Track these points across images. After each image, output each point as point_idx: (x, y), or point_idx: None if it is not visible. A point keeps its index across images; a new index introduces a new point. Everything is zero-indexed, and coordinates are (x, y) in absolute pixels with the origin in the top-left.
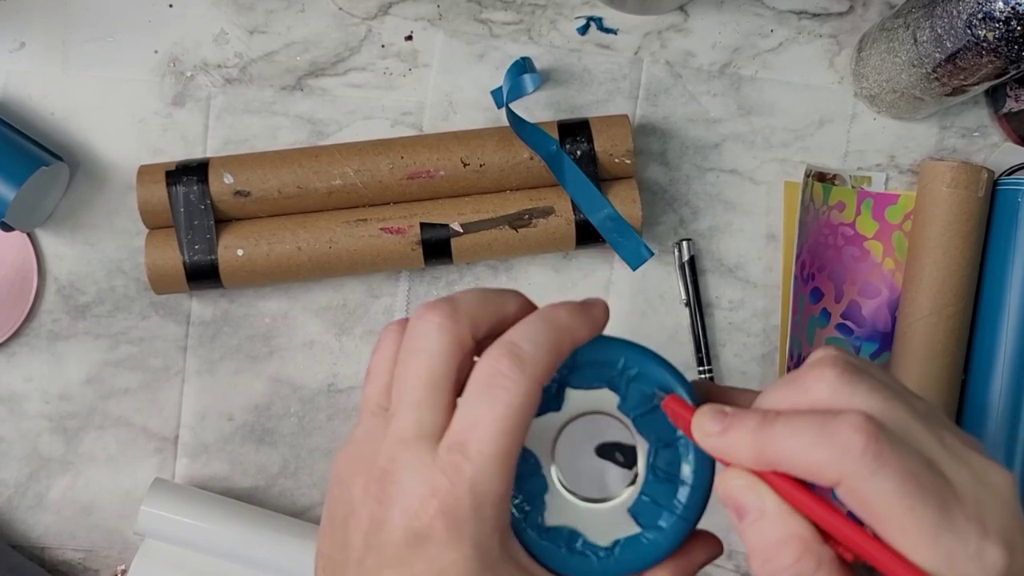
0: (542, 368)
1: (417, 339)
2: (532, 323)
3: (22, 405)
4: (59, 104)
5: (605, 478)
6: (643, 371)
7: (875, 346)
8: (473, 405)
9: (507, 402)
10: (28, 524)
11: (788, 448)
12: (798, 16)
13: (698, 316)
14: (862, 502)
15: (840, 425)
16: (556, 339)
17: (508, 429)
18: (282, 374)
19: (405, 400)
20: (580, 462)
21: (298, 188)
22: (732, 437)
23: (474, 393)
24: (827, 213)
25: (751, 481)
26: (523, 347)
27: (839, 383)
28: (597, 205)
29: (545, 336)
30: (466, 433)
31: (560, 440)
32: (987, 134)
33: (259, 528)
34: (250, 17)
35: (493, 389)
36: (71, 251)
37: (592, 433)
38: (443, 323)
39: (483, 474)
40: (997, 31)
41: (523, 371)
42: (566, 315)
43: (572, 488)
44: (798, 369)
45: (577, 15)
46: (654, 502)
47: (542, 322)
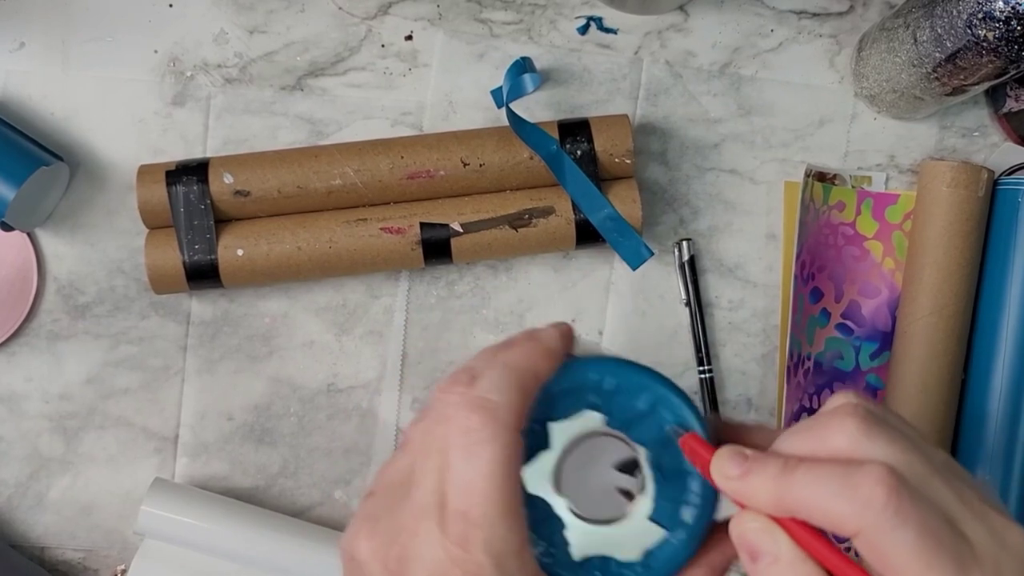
0: (512, 412)
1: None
2: (492, 370)
3: (22, 405)
4: (59, 104)
5: (616, 496)
6: (621, 382)
7: (875, 346)
8: (462, 470)
9: (490, 457)
10: (28, 524)
11: (808, 497)
12: (798, 16)
13: (698, 316)
14: (880, 555)
15: (862, 477)
16: (518, 381)
17: (501, 484)
18: (282, 374)
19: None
20: (588, 489)
21: (298, 188)
22: (752, 482)
23: (458, 457)
24: (827, 213)
25: (767, 525)
26: (489, 397)
27: (859, 433)
28: (597, 205)
29: (507, 380)
30: (463, 501)
31: (563, 474)
32: (987, 134)
33: (259, 528)
34: (250, 17)
35: (474, 448)
36: (71, 251)
37: (590, 457)
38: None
39: (494, 535)
40: (997, 31)
41: (496, 420)
42: (520, 354)
43: (588, 516)
44: (817, 415)
45: (577, 15)
46: (671, 501)
47: (500, 368)
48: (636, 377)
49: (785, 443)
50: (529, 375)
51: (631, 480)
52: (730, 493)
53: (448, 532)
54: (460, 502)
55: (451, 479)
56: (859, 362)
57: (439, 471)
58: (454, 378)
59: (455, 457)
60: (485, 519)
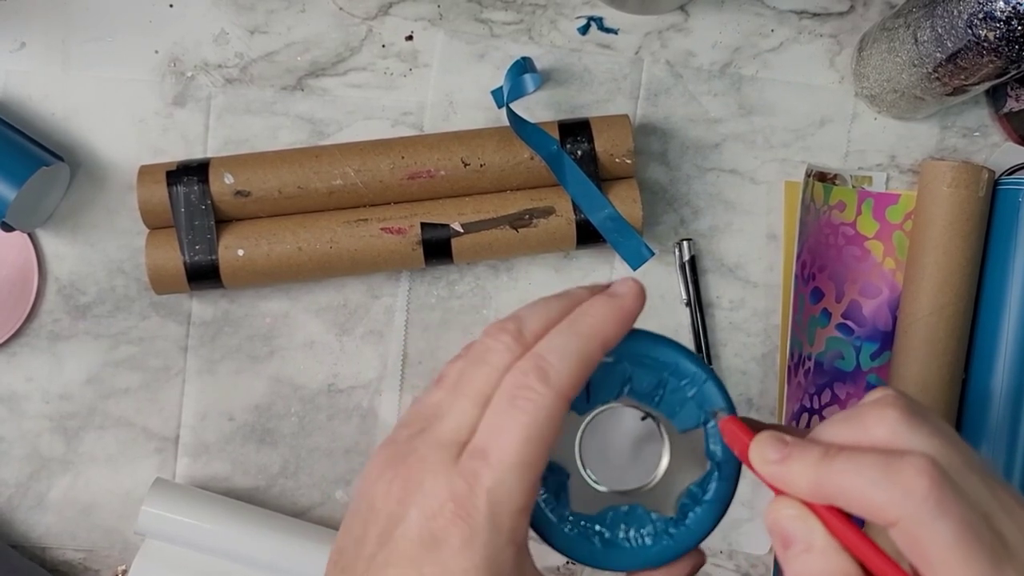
0: (569, 382)
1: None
2: (561, 333)
3: (22, 405)
4: (60, 104)
5: (632, 468)
6: (647, 353)
7: (876, 346)
8: (497, 415)
9: (531, 414)
10: (29, 524)
11: (849, 484)
12: (799, 16)
13: (699, 316)
14: (917, 546)
15: (904, 466)
16: (585, 350)
17: (530, 439)
18: (282, 374)
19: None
20: (606, 459)
21: (299, 188)
22: (792, 467)
23: (499, 404)
24: (828, 213)
25: (802, 512)
26: (551, 361)
27: (900, 424)
28: (598, 205)
29: (574, 348)
30: (488, 441)
31: (583, 443)
32: (988, 134)
33: (260, 528)
34: (250, 17)
35: (518, 401)
36: (72, 251)
37: (608, 427)
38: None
39: (502, 483)
40: (998, 31)
41: (548, 386)
42: (594, 319)
43: (607, 487)
44: (857, 406)
45: (578, 15)
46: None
47: (571, 332)
48: (662, 352)
49: (824, 432)
50: (597, 345)
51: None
52: (768, 477)
53: (460, 464)
54: (484, 441)
55: (485, 421)
56: (860, 362)
57: (471, 410)
58: (501, 326)
59: (498, 402)
60: (500, 464)
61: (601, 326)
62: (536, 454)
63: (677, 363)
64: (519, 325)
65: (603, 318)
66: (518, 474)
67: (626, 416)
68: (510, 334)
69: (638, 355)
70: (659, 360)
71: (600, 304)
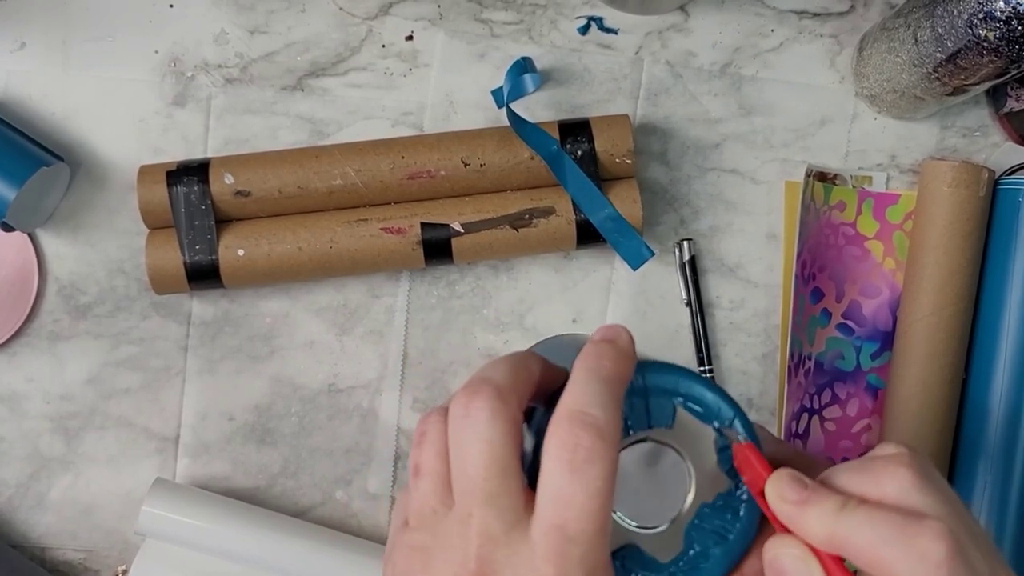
0: (615, 429)
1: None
2: (590, 384)
3: (23, 405)
4: (60, 104)
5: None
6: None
7: (876, 346)
8: (564, 485)
9: (597, 475)
10: (29, 524)
11: (864, 539)
12: (799, 16)
13: (699, 316)
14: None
15: (923, 530)
16: (616, 394)
17: (603, 503)
18: (283, 374)
19: (478, 494)
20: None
21: (299, 188)
22: (809, 512)
23: (561, 472)
24: (828, 213)
25: (805, 554)
26: (595, 414)
27: (913, 485)
28: (598, 205)
29: (608, 395)
30: (562, 515)
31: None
32: (988, 134)
33: (260, 528)
34: (251, 17)
35: (580, 465)
36: (72, 251)
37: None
38: (495, 407)
39: (591, 551)
40: (998, 31)
41: (603, 440)
42: (611, 363)
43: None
44: (871, 457)
45: (578, 15)
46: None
47: (598, 380)
48: (680, 381)
49: (837, 479)
50: (620, 386)
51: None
52: (783, 517)
53: (537, 548)
54: (558, 517)
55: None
56: (860, 362)
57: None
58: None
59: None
60: (584, 535)
61: (618, 368)
62: (607, 510)
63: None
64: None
65: (617, 360)
66: (600, 537)
67: (648, 451)
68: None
69: (658, 388)
70: (681, 392)
71: (608, 348)
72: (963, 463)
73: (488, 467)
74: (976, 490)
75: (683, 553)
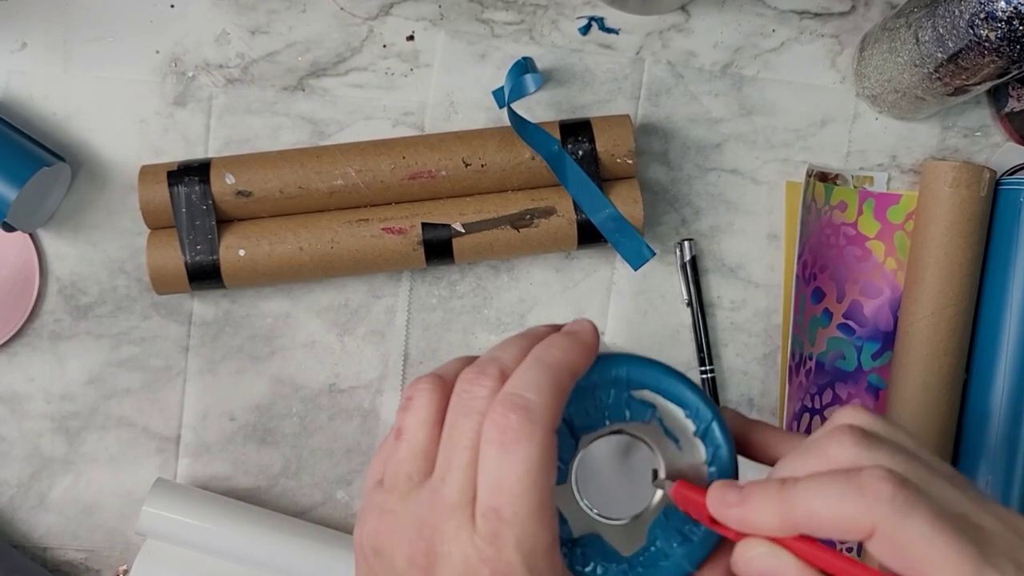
0: (550, 413)
1: (470, 402)
2: (530, 368)
3: (24, 405)
4: (61, 104)
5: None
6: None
7: (877, 346)
8: (494, 466)
9: (526, 457)
10: (30, 524)
11: (815, 506)
12: (800, 16)
13: (700, 316)
14: (898, 549)
15: (866, 477)
16: (557, 380)
17: (535, 483)
18: (284, 374)
19: (454, 465)
20: (601, 485)
21: (300, 188)
22: (753, 504)
23: (492, 454)
24: (829, 213)
25: (771, 548)
26: (528, 397)
27: (858, 446)
28: (599, 205)
29: (547, 380)
30: (495, 497)
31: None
32: (989, 134)
33: (261, 528)
34: (252, 17)
35: (510, 446)
36: (73, 251)
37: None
38: (495, 386)
39: (526, 533)
40: (999, 31)
41: (533, 421)
42: (560, 351)
43: (603, 514)
44: (814, 437)
45: (579, 15)
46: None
47: (540, 366)
48: (662, 378)
49: (783, 466)
50: (567, 374)
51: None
52: (732, 523)
53: (478, 529)
54: (492, 499)
55: (483, 475)
56: (861, 362)
57: (468, 467)
58: (480, 370)
59: (489, 453)
60: (516, 517)
61: (567, 357)
62: (544, 491)
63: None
64: (499, 366)
65: (567, 350)
66: (537, 518)
67: (622, 444)
68: (493, 378)
69: (639, 383)
70: (662, 389)
71: (562, 338)
72: (964, 463)
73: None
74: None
75: (644, 548)
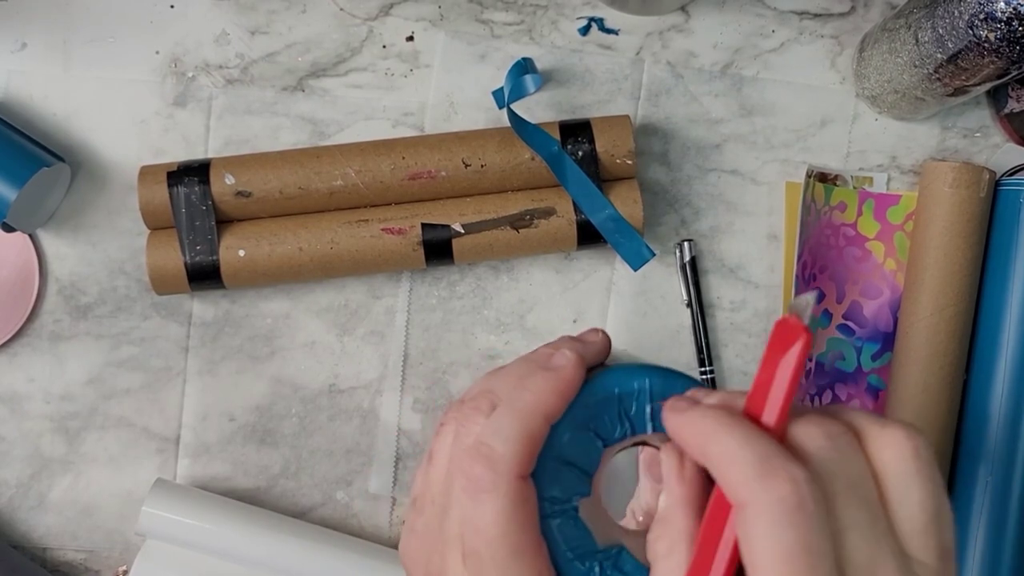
0: (516, 462)
1: (464, 439)
2: (501, 416)
3: (23, 405)
4: (60, 105)
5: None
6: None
7: (877, 347)
8: (468, 513)
9: (493, 507)
10: (29, 525)
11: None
12: (799, 16)
13: (699, 317)
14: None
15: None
16: (526, 427)
17: (507, 529)
18: (283, 375)
19: (452, 500)
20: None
21: (299, 189)
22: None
23: (464, 501)
24: (828, 214)
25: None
26: (493, 446)
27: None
28: (598, 205)
29: (516, 428)
30: (474, 541)
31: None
32: (989, 135)
33: (261, 529)
34: (251, 18)
35: (477, 495)
36: (72, 252)
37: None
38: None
39: (508, 573)
40: (999, 31)
41: (497, 472)
42: (532, 395)
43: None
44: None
45: (578, 16)
46: None
47: (511, 413)
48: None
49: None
50: (539, 419)
51: None
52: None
53: (468, 566)
54: (471, 542)
55: (461, 520)
56: (861, 363)
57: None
58: (474, 404)
59: (462, 500)
60: (495, 560)
61: (539, 400)
62: (520, 533)
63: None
64: (491, 400)
65: (541, 392)
66: (516, 558)
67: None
68: (483, 413)
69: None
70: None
71: (539, 379)
72: (964, 464)
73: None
74: (977, 491)
75: None
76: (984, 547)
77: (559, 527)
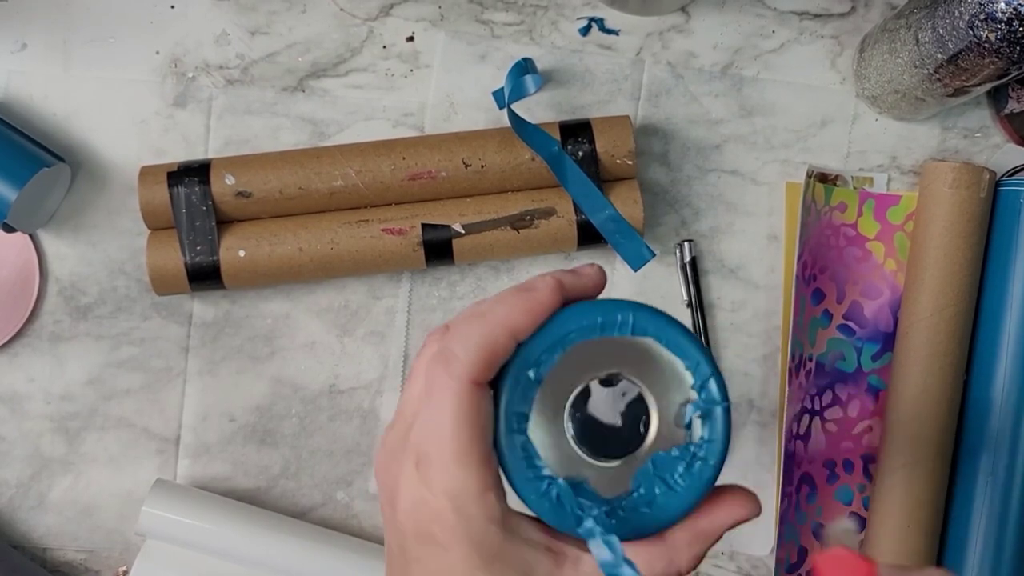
0: (472, 368)
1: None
2: (466, 322)
3: (24, 406)
4: (61, 105)
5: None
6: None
7: (877, 347)
8: (423, 414)
9: (444, 406)
10: (30, 525)
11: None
12: (799, 17)
13: (700, 317)
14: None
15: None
16: (488, 336)
17: (455, 432)
18: (283, 375)
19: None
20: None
21: (300, 189)
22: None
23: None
24: (829, 214)
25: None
26: (453, 349)
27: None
28: (599, 206)
29: (477, 335)
30: (424, 443)
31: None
32: (989, 135)
33: (261, 529)
34: (251, 18)
35: (432, 395)
36: (73, 252)
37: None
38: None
39: (452, 478)
40: (999, 32)
41: (451, 375)
42: (504, 308)
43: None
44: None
45: (579, 16)
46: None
47: (476, 321)
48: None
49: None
50: (503, 331)
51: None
52: None
53: (417, 470)
54: (421, 443)
55: (418, 421)
56: (861, 363)
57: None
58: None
59: (423, 401)
60: (440, 462)
61: (509, 315)
62: (468, 440)
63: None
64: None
65: (512, 307)
66: (462, 463)
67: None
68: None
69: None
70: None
71: (513, 295)
72: (964, 464)
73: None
74: (977, 491)
75: (628, 494)
76: (984, 547)
77: (523, 444)
